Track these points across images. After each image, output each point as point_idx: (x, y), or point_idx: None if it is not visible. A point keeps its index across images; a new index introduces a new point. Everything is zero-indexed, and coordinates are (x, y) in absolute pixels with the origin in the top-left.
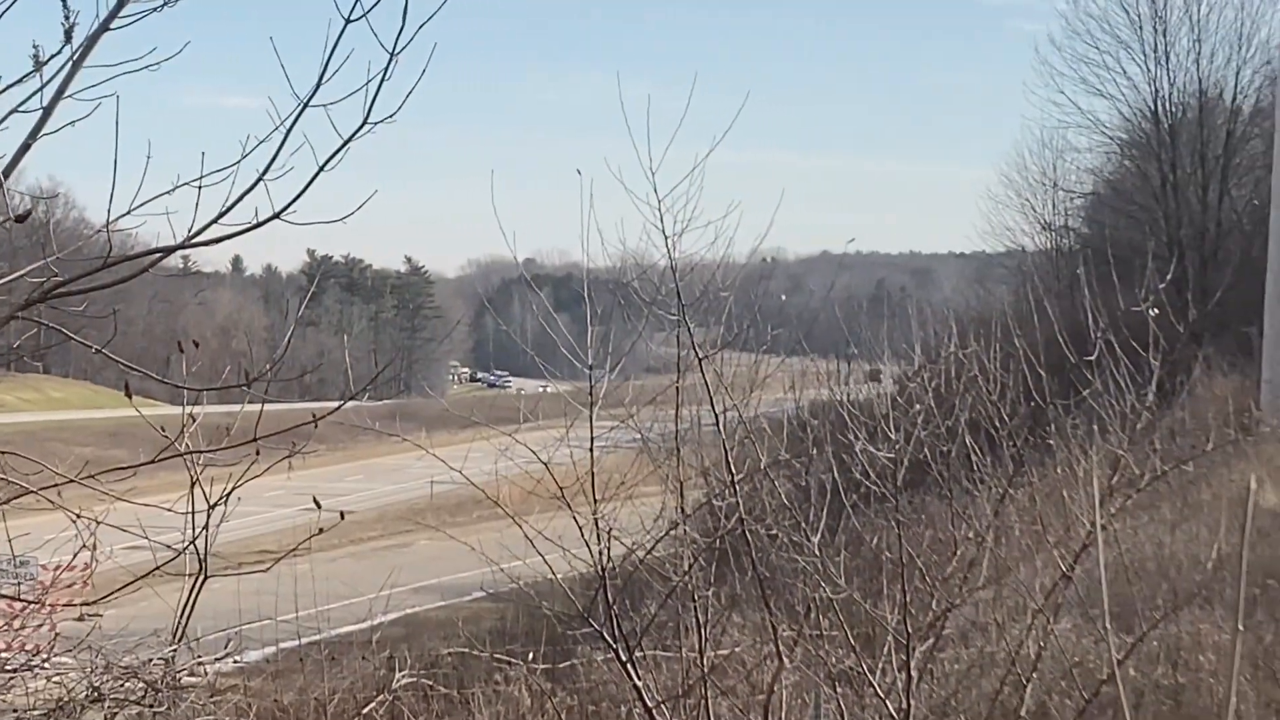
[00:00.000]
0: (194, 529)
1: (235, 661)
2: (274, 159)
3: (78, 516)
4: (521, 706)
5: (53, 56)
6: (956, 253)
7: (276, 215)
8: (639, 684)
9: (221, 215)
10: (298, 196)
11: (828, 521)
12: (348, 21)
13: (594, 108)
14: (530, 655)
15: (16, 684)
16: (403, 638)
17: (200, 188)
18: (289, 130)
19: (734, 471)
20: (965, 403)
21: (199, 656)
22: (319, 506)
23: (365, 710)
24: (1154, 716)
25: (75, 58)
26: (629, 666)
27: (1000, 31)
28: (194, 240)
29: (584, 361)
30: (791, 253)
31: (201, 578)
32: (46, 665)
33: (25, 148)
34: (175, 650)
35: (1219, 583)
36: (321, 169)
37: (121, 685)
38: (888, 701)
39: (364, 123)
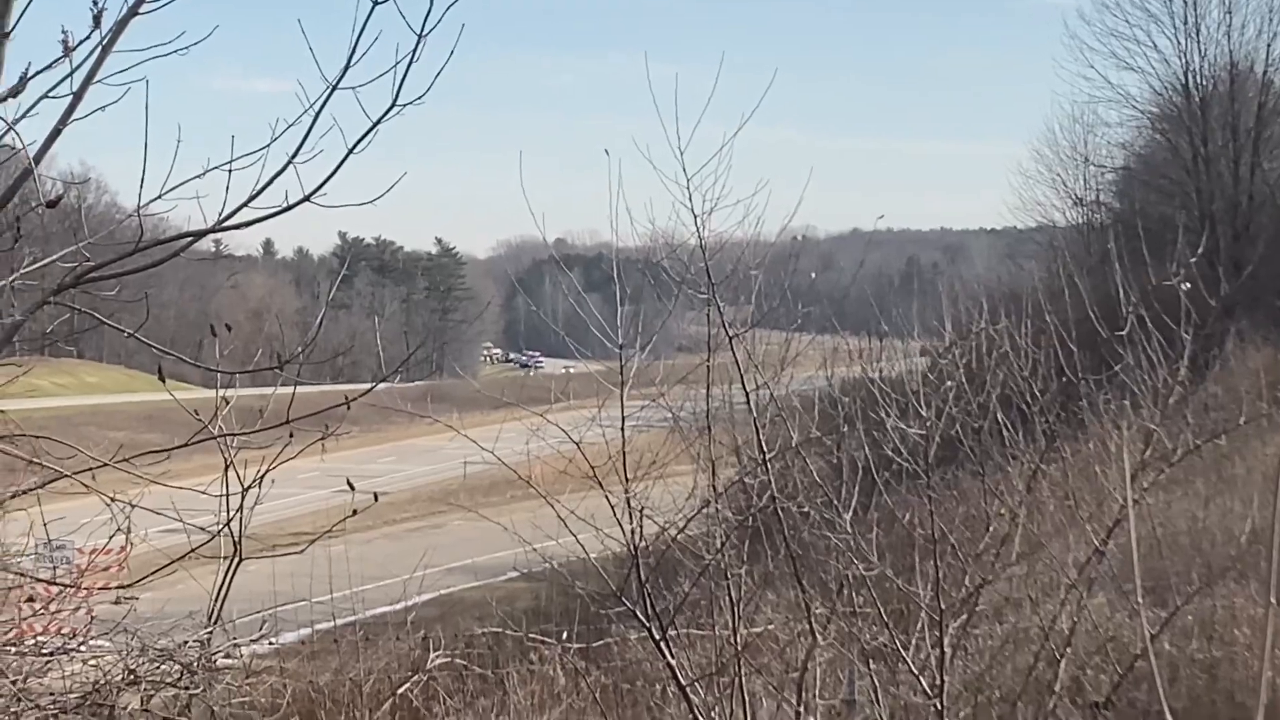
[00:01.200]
0: (228, 511)
1: (270, 643)
2: (303, 142)
3: (112, 500)
4: (556, 685)
5: (82, 42)
6: (988, 229)
7: (307, 198)
8: (672, 662)
9: (252, 199)
10: (328, 179)
11: (860, 499)
12: (375, 3)
13: (622, 88)
14: (564, 634)
15: (53, 667)
16: (437, 618)
17: (230, 171)
18: (318, 113)
19: (765, 449)
20: (997, 379)
21: (234, 638)
22: (352, 488)
23: (400, 690)
24: (1188, 691)
25: (104, 43)
26: (662, 645)
27: (1029, 6)
28: (225, 224)
29: (614, 341)
30: (822, 230)
31: (236, 560)
32: (83, 648)
33: (55, 133)
34: (211, 632)
35: (1253, 556)
36: (351, 151)
37: (157, 668)
38: (921, 678)
39: (393, 105)
